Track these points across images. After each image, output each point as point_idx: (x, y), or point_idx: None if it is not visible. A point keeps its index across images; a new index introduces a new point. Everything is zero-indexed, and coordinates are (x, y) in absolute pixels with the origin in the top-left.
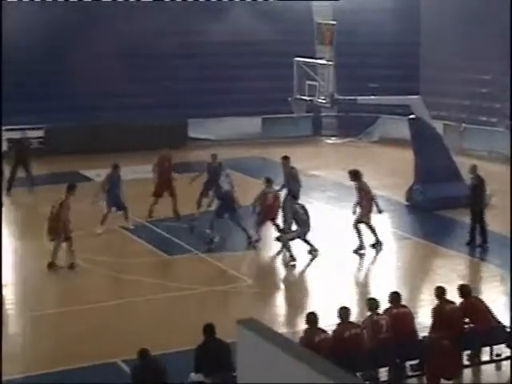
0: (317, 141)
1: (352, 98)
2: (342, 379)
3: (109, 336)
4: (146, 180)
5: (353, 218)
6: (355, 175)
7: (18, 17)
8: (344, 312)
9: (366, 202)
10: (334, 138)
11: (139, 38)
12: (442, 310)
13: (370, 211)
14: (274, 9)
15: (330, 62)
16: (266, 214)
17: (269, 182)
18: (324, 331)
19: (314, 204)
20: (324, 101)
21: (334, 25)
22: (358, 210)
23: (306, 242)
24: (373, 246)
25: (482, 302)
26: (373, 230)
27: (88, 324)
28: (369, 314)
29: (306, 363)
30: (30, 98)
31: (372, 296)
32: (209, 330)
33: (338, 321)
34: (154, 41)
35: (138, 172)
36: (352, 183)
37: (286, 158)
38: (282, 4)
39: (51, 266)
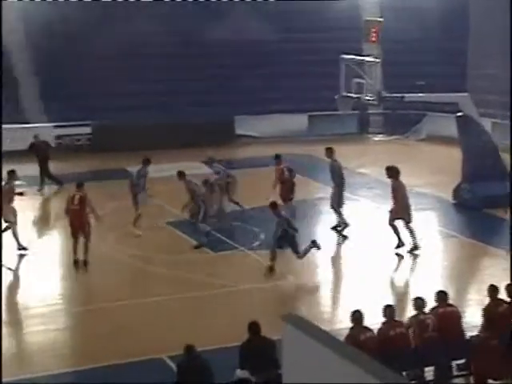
0: (363, 138)
1: (399, 95)
2: (387, 378)
3: (155, 332)
4: (193, 176)
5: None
6: (391, 172)
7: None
8: (389, 310)
9: (397, 201)
10: (380, 136)
11: (186, 37)
12: (494, 310)
13: (402, 210)
14: (321, 6)
15: (377, 60)
16: None
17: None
18: (369, 329)
19: (361, 201)
20: (371, 98)
21: (381, 22)
22: (392, 207)
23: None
24: (409, 251)
25: None
26: (411, 232)
27: (135, 319)
28: (415, 313)
29: (351, 361)
30: (78, 95)
31: (418, 295)
32: (253, 327)
33: (383, 319)
34: (203, 39)
35: (183, 169)
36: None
37: (329, 150)
38: (329, 1)
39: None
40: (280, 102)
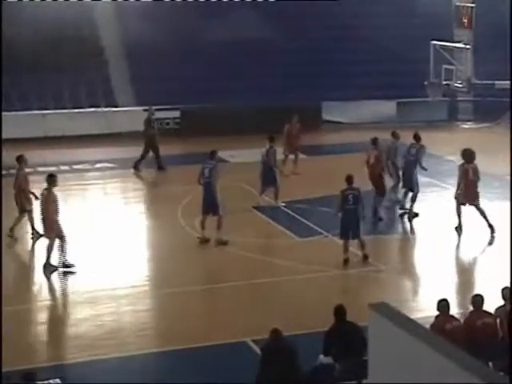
0: (452, 126)
1: (490, 82)
2: (473, 368)
3: (240, 315)
4: (278, 162)
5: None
6: (464, 155)
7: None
8: (477, 300)
9: (463, 185)
10: (470, 124)
11: (278, 21)
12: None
13: (468, 194)
14: None
15: (468, 46)
16: None
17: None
18: (456, 319)
19: (451, 190)
20: (461, 85)
21: (473, 7)
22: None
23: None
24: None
25: None
26: (482, 214)
27: (219, 303)
28: (503, 303)
29: (438, 350)
30: (167, 79)
31: (505, 286)
32: (339, 312)
33: (469, 309)
34: (295, 24)
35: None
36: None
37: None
38: None
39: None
40: (369, 88)
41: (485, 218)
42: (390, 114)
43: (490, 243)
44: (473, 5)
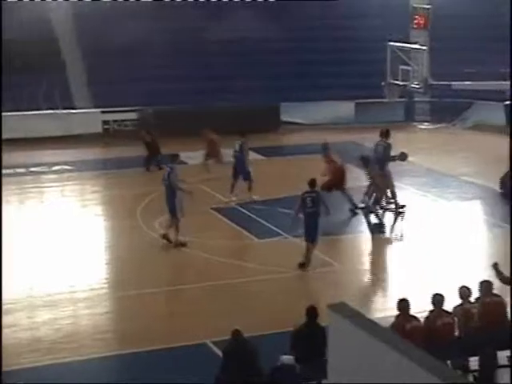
0: (409, 126)
1: (446, 83)
2: (432, 367)
3: (199, 317)
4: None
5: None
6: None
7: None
8: (437, 299)
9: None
10: (426, 124)
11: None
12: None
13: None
14: None
15: (424, 47)
16: None
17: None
18: (416, 318)
19: (407, 190)
20: (417, 86)
21: (429, 9)
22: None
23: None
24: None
25: None
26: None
27: (179, 305)
28: (460, 302)
29: (396, 350)
30: (124, 80)
31: (463, 285)
32: (311, 313)
33: (428, 307)
34: (257, 26)
35: (229, 155)
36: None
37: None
38: None
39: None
40: (327, 89)
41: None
42: (349, 115)
43: (449, 242)
44: (429, 6)
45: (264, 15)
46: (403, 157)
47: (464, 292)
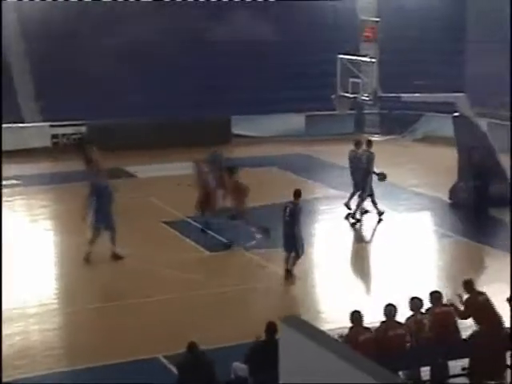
0: (359, 138)
1: (396, 95)
2: (384, 378)
3: (151, 331)
4: (187, 176)
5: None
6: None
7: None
8: (389, 310)
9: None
10: (376, 136)
11: (184, 36)
12: (475, 301)
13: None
14: (318, 6)
15: (374, 59)
16: None
17: None
18: (369, 330)
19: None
20: (367, 98)
21: (377, 21)
22: None
23: None
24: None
25: None
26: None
27: (130, 319)
28: (411, 313)
29: (348, 362)
30: (73, 94)
31: (414, 295)
32: (270, 328)
33: (382, 318)
34: (201, 38)
35: (179, 169)
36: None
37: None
38: (326, 1)
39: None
40: (277, 102)
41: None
42: (299, 128)
43: (400, 253)
44: (377, 19)
45: (210, 30)
46: (382, 177)
47: (415, 304)
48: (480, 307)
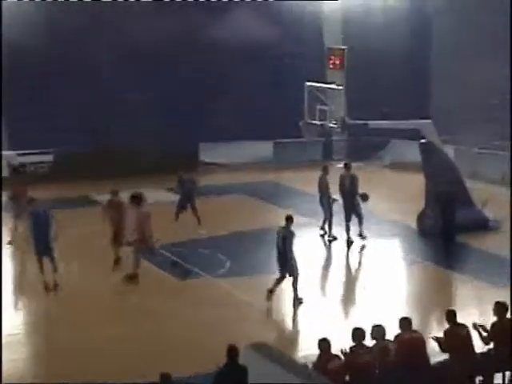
0: (328, 165)
1: (363, 122)
2: None
3: (116, 362)
4: (155, 205)
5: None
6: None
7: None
8: (357, 334)
9: None
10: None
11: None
12: (454, 333)
13: None
14: (284, 33)
15: (341, 87)
16: None
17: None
18: (338, 357)
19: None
20: (335, 125)
21: (344, 49)
22: None
23: None
24: None
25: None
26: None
27: (102, 349)
28: (375, 342)
29: None
30: (40, 122)
31: (382, 321)
32: (231, 352)
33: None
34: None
35: (148, 197)
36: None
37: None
38: (292, 28)
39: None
40: (245, 129)
41: None
42: (267, 155)
43: (369, 280)
44: (344, 47)
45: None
46: (365, 198)
47: (377, 331)
48: (458, 338)
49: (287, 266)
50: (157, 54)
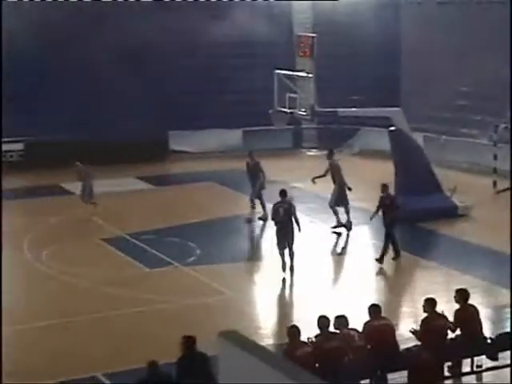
0: (297, 153)
1: (332, 110)
2: None
3: (89, 349)
4: (126, 193)
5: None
6: None
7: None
8: (322, 322)
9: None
10: (314, 151)
11: (123, 51)
12: (430, 323)
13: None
14: (254, 21)
15: (310, 75)
16: None
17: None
18: (306, 344)
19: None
20: (304, 113)
21: (313, 37)
22: None
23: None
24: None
25: (476, 310)
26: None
27: (64, 338)
28: (337, 331)
29: (288, 375)
30: (10, 110)
31: (350, 308)
32: (188, 342)
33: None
34: (139, 54)
35: (118, 185)
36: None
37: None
38: (262, 17)
39: None
40: (215, 118)
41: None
42: (237, 143)
43: (338, 267)
44: (313, 35)
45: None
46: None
47: (339, 322)
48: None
49: (287, 236)
50: (133, 47)
